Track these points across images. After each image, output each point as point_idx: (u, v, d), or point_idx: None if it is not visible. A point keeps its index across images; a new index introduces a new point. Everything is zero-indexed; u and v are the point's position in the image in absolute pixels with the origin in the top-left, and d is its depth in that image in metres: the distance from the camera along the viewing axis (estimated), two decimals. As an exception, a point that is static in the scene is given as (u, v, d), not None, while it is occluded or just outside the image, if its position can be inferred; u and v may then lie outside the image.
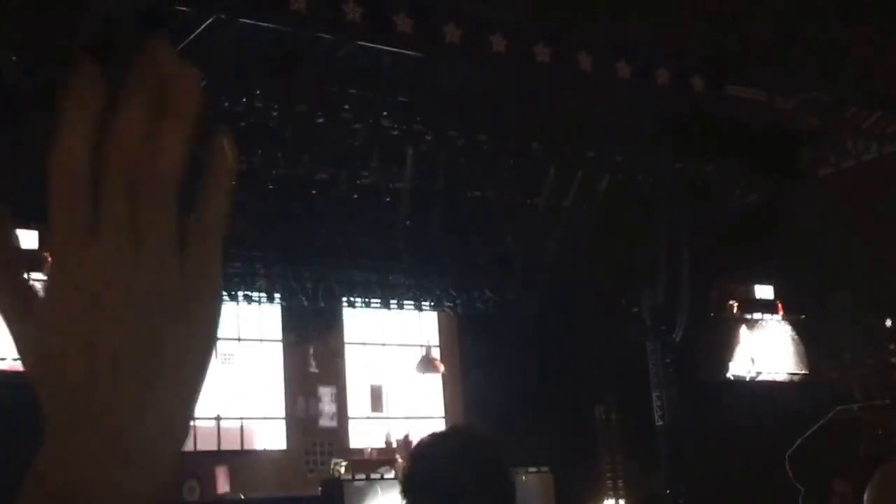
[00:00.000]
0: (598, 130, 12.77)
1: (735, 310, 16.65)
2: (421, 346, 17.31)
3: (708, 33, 11.42)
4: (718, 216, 14.90)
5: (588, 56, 10.95)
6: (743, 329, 16.64)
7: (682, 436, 14.92)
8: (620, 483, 15.08)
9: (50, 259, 0.64)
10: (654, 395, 15.27)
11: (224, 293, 14.30)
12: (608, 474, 15.16)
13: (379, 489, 13.37)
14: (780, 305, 17.04)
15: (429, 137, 11.93)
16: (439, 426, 16.89)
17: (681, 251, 14.83)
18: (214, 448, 14.82)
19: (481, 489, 1.77)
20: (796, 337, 16.94)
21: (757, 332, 16.73)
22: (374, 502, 13.02)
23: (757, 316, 16.80)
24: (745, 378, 16.43)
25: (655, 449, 15.08)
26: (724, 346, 16.39)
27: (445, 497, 1.76)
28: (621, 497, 14.94)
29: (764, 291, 17.04)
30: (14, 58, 9.81)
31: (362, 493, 13.19)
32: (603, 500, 14.77)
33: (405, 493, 1.83)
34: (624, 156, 13.44)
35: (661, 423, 15.16)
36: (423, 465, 1.83)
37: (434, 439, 1.90)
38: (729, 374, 16.35)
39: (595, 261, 15.22)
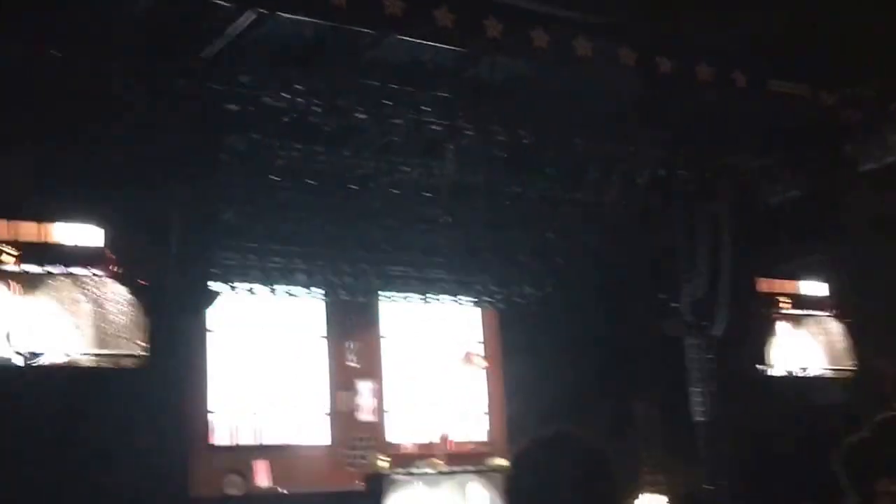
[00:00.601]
0: (639, 125, 12.71)
1: (778, 305, 16.50)
2: (462, 340, 17.32)
3: (749, 27, 11.32)
4: (760, 211, 14.78)
5: (629, 51, 10.89)
6: (786, 324, 16.50)
7: (722, 431, 14.82)
8: (660, 478, 14.99)
9: None
10: (694, 390, 15.17)
11: (265, 287, 14.48)
12: (648, 469, 15.07)
13: (420, 484, 13.40)
14: (825, 301, 16.88)
15: (470, 132, 11.91)
16: (481, 422, 16.93)
17: (722, 246, 14.72)
18: (256, 443, 14.91)
19: (593, 500, 1.76)
20: (842, 333, 16.77)
21: (801, 328, 16.58)
22: (415, 497, 13.06)
23: (801, 311, 16.65)
24: (787, 374, 16.28)
25: (696, 444, 14.99)
26: (767, 342, 16.25)
27: None
28: (661, 492, 14.86)
29: (809, 287, 16.88)
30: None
31: (403, 488, 13.23)
32: (642, 495, 14.69)
33: (510, 498, 1.82)
34: (665, 150, 13.35)
35: (701, 418, 15.06)
36: (528, 473, 1.81)
37: (540, 446, 1.86)
38: (771, 370, 16.21)
39: (635, 255, 15.16)
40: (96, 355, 10.91)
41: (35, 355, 10.53)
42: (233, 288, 14.37)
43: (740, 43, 11.68)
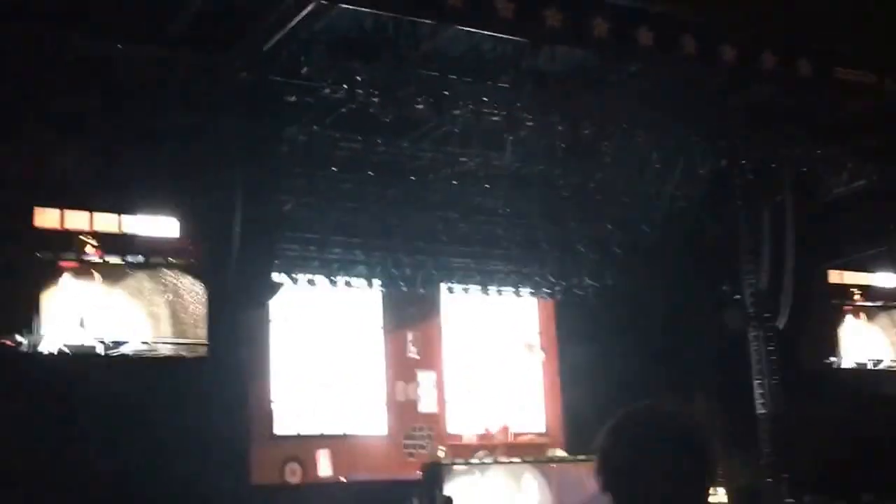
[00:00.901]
0: (700, 115, 12.57)
1: (848, 297, 16.26)
2: (521, 331, 17.32)
3: (814, 16, 11.15)
4: (827, 202, 14.56)
5: (691, 39, 10.77)
6: (856, 316, 16.25)
7: (784, 425, 14.65)
8: (720, 472, 14.88)
9: None
10: (756, 382, 15.02)
11: (325, 279, 14.59)
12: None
13: (478, 473, 13.43)
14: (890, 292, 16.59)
15: (529, 123, 11.87)
16: (538, 413, 16.92)
17: (785, 237, 14.53)
18: (316, 432, 15.05)
19: (686, 476, 1.72)
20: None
21: (872, 320, 16.33)
22: (473, 486, 13.08)
23: (872, 303, 16.39)
24: (856, 366, 16.04)
25: (757, 438, 14.84)
26: (835, 334, 16.03)
27: (645, 482, 1.69)
28: (721, 486, 14.73)
29: (880, 279, 16.60)
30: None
31: (462, 478, 13.26)
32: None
33: (600, 473, 1.75)
34: (727, 140, 13.19)
35: (762, 411, 14.91)
36: (621, 447, 1.74)
37: (633, 419, 1.77)
38: (839, 363, 15.99)
39: (696, 247, 15.02)
40: (167, 344, 11.11)
41: (112, 343, 10.76)
42: (294, 279, 14.51)
43: (805, 31, 11.51)
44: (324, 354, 15.55)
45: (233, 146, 10.84)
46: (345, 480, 14.25)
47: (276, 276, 13.51)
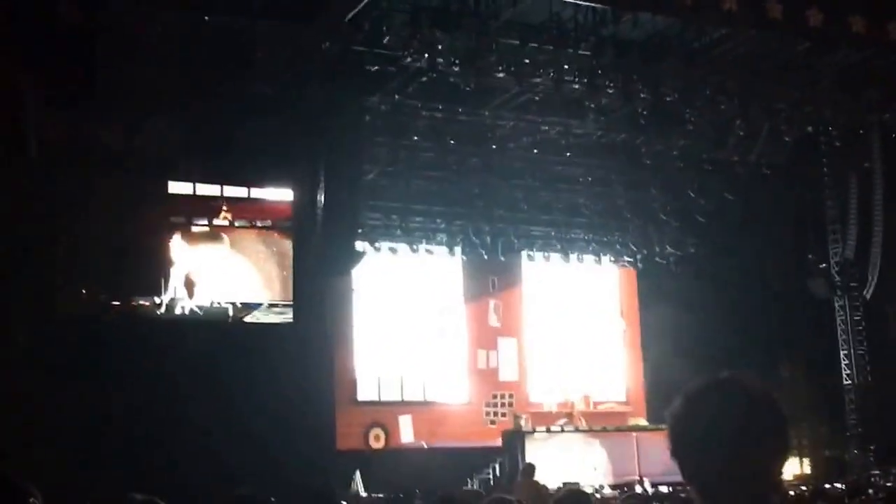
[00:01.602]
0: (786, 80, 12.36)
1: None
2: (601, 300, 17.28)
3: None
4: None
5: (777, 3, 10.58)
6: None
7: (871, 395, 14.45)
8: (805, 442, 14.73)
9: None
10: (843, 353, 14.84)
11: (406, 247, 14.72)
12: (792, 433, 14.84)
13: (558, 441, 13.47)
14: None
15: (611, 90, 11.80)
16: (619, 381, 16.90)
17: (874, 205, 14.26)
18: (398, 399, 15.24)
19: (756, 448, 1.69)
20: None
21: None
22: (553, 454, 13.13)
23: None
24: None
25: (842, 409, 14.68)
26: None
27: (720, 452, 1.69)
28: (806, 456, 14.61)
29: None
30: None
31: (542, 445, 13.31)
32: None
33: (670, 439, 1.75)
34: (814, 106, 12.95)
35: (849, 382, 14.74)
36: (696, 417, 1.72)
37: (709, 389, 1.75)
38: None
39: (781, 214, 14.82)
40: (263, 307, 11.42)
41: (242, 305, 11.14)
42: (376, 248, 14.68)
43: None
44: (406, 323, 15.70)
45: (317, 116, 10.97)
46: (426, 446, 14.41)
47: (360, 245, 13.68)
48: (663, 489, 10.88)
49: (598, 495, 11.09)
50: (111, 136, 10.36)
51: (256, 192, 11.58)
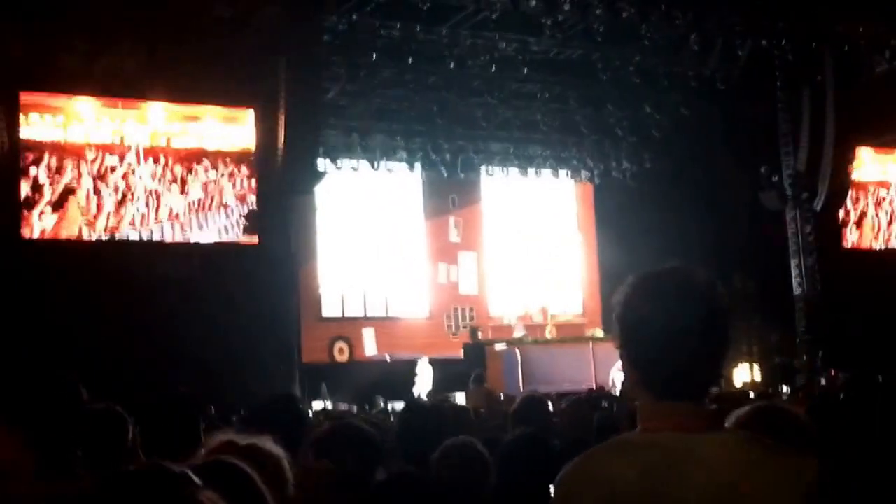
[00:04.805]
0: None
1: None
2: (559, 215, 17.56)
3: None
4: (865, 81, 14.49)
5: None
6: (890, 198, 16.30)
7: (820, 304, 14.88)
8: (755, 349, 15.17)
9: None
10: (793, 263, 15.19)
11: (367, 164, 14.83)
12: (744, 342, 15.25)
13: (518, 352, 13.79)
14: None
15: (567, 6, 11.88)
16: (575, 294, 17.26)
17: (824, 118, 14.53)
18: (362, 315, 15.54)
19: (700, 334, 1.64)
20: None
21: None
22: (512, 365, 13.47)
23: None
24: (887, 248, 16.19)
25: (792, 318, 15.09)
26: (865, 216, 16.12)
27: (660, 340, 1.65)
28: (756, 363, 15.05)
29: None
30: None
31: (502, 356, 13.64)
32: (737, 367, 14.90)
33: (616, 325, 1.71)
34: (768, 21, 13.12)
35: (799, 291, 15.12)
36: (636, 306, 1.69)
37: (653, 275, 1.72)
38: (872, 244, 16.14)
39: (734, 128, 15.05)
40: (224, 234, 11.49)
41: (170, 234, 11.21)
42: (337, 166, 14.83)
43: None
44: (368, 240, 15.93)
45: (276, 37, 11.00)
46: (389, 359, 14.73)
47: (321, 164, 13.81)
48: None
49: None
50: (71, 59, 10.36)
51: (219, 112, 11.54)
